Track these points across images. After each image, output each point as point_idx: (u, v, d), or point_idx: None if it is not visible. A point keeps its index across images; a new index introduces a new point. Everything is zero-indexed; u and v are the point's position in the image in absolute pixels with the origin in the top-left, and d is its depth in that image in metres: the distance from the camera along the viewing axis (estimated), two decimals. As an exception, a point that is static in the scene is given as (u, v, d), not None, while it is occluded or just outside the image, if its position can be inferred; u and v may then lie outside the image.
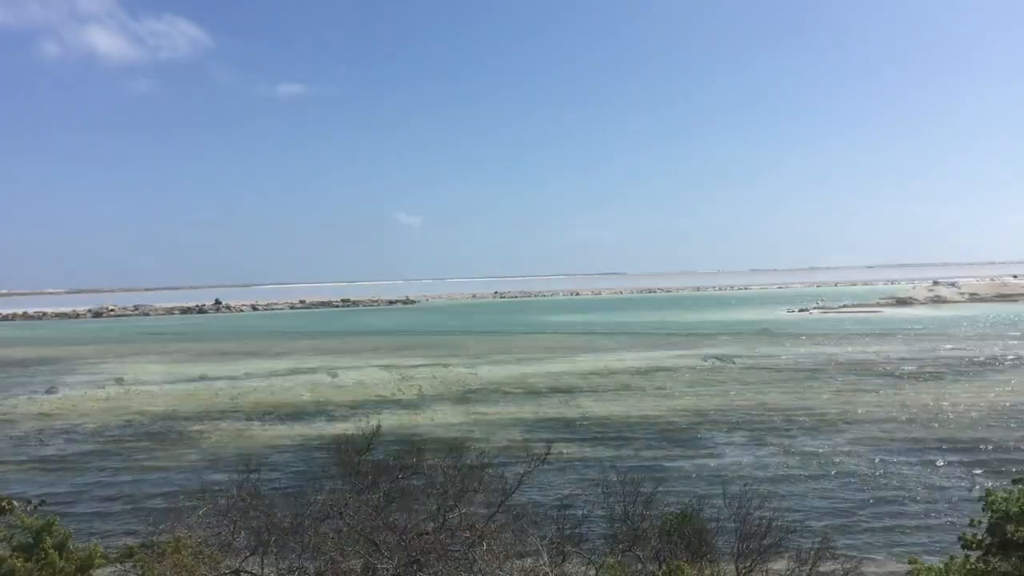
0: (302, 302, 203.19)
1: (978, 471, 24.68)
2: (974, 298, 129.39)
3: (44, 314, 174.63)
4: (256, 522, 11.27)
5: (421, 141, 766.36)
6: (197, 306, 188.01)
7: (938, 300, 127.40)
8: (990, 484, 10.38)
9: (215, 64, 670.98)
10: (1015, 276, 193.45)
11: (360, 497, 11.86)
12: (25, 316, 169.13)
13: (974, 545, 10.12)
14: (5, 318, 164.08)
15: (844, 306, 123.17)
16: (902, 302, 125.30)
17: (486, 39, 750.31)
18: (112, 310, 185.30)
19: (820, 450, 28.12)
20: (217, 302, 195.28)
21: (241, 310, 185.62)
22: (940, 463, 25.91)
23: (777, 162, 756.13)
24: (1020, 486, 10.37)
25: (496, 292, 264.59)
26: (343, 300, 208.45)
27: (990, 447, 27.85)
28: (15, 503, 10.98)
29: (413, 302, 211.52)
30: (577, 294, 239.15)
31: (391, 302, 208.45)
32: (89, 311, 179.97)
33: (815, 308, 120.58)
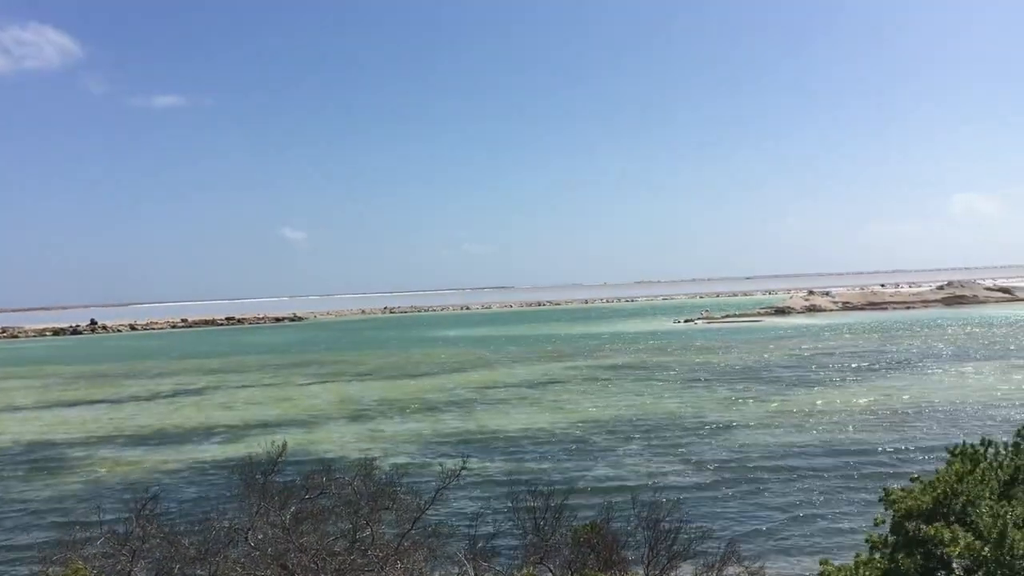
0: (184, 321, 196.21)
1: (869, 473, 25.74)
2: (847, 306, 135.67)
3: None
4: (159, 551, 10.72)
5: (304, 154, 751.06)
6: (71, 327, 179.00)
7: (814, 309, 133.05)
8: (886, 485, 10.75)
9: (86, 74, 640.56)
10: (883, 285, 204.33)
11: (268, 519, 11.44)
12: None
13: (880, 545, 10.37)
14: None
15: (727, 316, 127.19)
16: (781, 312, 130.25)
17: (366, 49, 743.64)
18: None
19: (715, 457, 28.80)
20: (92, 322, 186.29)
21: (119, 330, 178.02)
22: (831, 466, 26.91)
23: (657, 176, 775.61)
24: (918, 484, 10.70)
25: (386, 308, 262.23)
26: (228, 318, 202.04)
27: (879, 449, 29.08)
28: None
29: (301, 319, 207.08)
30: (467, 308, 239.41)
31: (278, 319, 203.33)
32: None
33: (700, 319, 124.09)
